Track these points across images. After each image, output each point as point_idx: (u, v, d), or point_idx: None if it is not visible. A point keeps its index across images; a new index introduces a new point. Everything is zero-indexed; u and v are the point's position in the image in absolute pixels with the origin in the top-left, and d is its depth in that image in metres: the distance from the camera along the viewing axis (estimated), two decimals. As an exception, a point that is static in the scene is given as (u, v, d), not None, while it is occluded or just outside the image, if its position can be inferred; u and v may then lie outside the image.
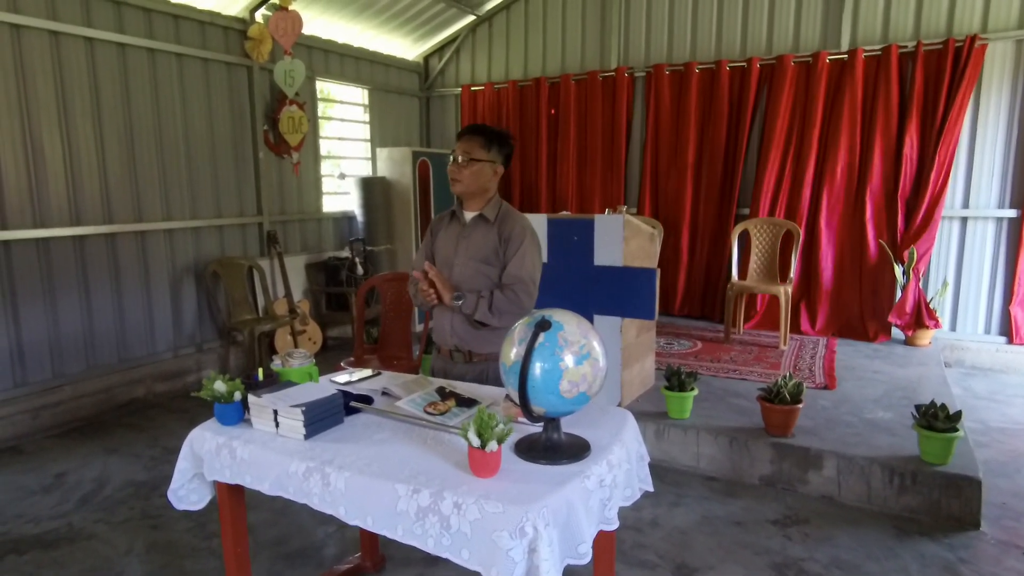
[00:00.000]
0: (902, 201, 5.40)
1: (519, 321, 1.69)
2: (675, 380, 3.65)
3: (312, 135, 6.12)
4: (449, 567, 2.04)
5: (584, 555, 1.52)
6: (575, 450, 1.70)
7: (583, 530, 1.53)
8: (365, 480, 1.61)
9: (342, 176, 6.60)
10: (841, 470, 3.20)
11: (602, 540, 1.96)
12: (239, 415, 1.96)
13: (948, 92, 5.14)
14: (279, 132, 5.68)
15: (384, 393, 2.19)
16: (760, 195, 5.87)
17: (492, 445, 1.53)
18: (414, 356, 3.97)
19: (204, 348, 5.28)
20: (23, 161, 4.09)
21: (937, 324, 5.30)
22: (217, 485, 2.01)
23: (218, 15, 5.20)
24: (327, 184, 6.48)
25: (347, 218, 6.65)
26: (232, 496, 2.04)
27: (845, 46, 5.52)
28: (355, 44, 6.61)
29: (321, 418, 1.87)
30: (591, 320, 2.30)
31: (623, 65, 6.46)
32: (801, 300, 5.81)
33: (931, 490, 3.01)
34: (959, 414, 3.08)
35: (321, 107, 6.44)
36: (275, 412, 1.86)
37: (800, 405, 3.39)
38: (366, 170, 6.93)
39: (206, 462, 1.92)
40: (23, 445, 3.99)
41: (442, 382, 2.23)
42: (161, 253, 4.93)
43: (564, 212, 6.08)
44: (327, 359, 5.14)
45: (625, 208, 4.81)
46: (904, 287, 5.32)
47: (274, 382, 2.10)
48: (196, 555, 2.80)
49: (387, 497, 1.56)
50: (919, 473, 3.03)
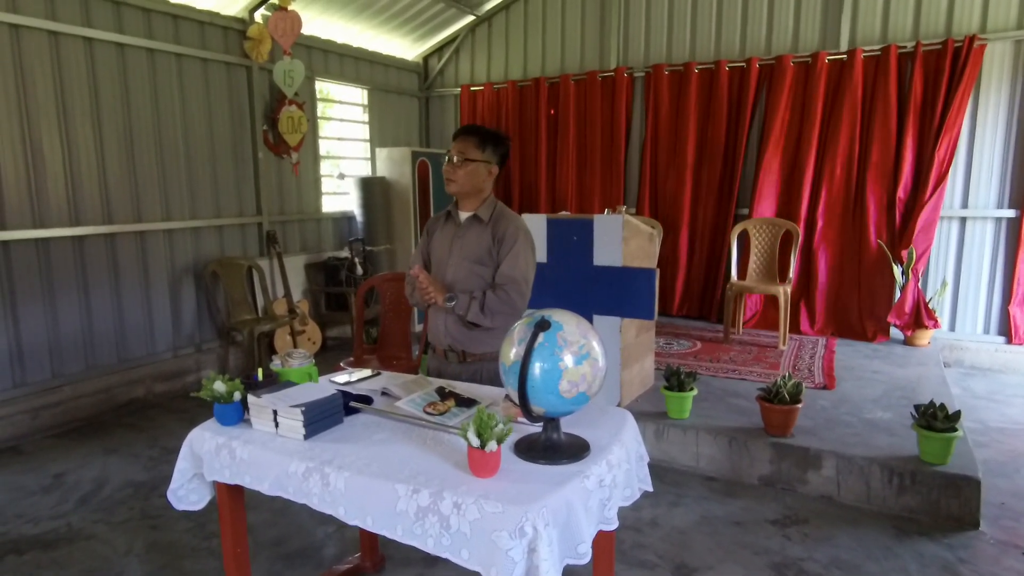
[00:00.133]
0: (901, 201, 5.40)
1: (519, 321, 1.70)
2: (674, 380, 3.65)
3: (311, 135, 6.12)
4: (449, 567, 2.04)
5: (584, 555, 1.52)
6: (574, 450, 1.70)
7: (582, 530, 1.53)
8: (365, 480, 1.61)
9: (341, 176, 6.59)
10: (840, 470, 3.20)
11: (601, 540, 1.96)
12: (239, 415, 1.96)
13: (947, 92, 5.15)
14: (278, 132, 5.68)
15: (384, 393, 2.19)
16: (759, 195, 5.87)
17: (492, 445, 1.53)
18: (413, 356, 3.97)
19: (203, 348, 5.28)
20: (22, 161, 4.09)
21: (936, 324, 5.30)
22: (217, 485, 2.01)
23: (217, 15, 5.20)
24: (326, 184, 6.48)
25: (346, 218, 6.65)
26: (232, 496, 2.04)
27: (844, 46, 5.53)
28: (354, 44, 6.61)
29: (321, 418, 1.87)
30: (590, 320, 2.30)
31: (622, 65, 6.46)
32: (800, 300, 5.82)
33: (930, 490, 3.01)
34: (958, 414, 3.09)
35: (320, 107, 6.44)
36: (275, 412, 1.87)
37: (799, 405, 3.40)
38: (365, 170, 6.93)
39: (206, 462, 1.92)
40: (22, 445, 3.99)
41: (441, 382, 2.23)
42: (160, 253, 4.93)
43: (563, 212, 6.07)
44: (326, 359, 5.14)
45: (624, 208, 4.80)
46: (903, 287, 5.33)
47: (274, 382, 2.10)
48: (196, 555, 2.80)
49: (387, 497, 1.56)
50: (918, 473, 3.04)
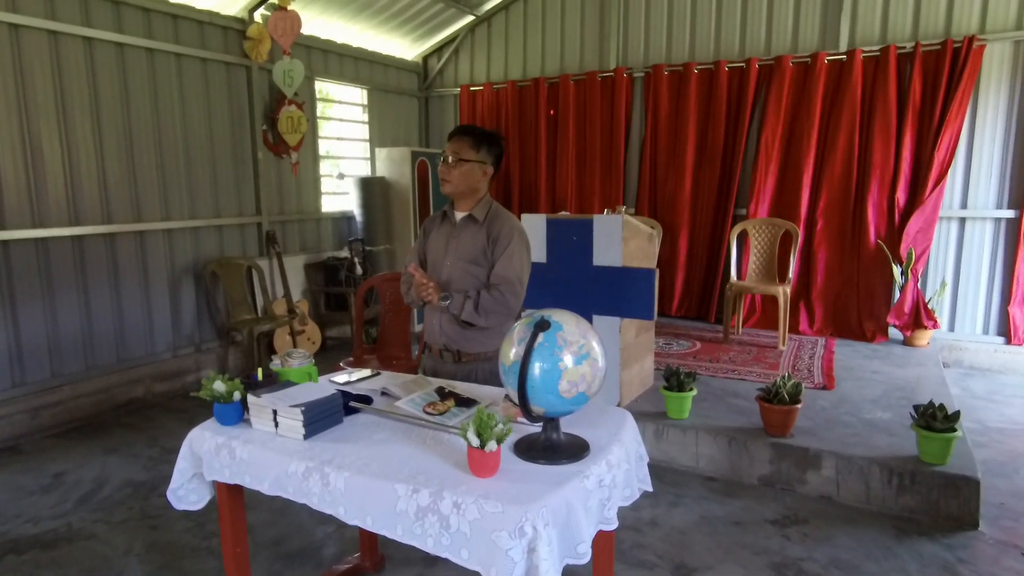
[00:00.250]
0: (900, 201, 5.40)
1: (519, 321, 1.70)
2: (674, 380, 3.65)
3: (311, 135, 6.12)
4: (448, 567, 2.04)
5: (583, 555, 1.52)
6: (574, 450, 1.70)
7: (582, 530, 1.53)
8: (364, 480, 1.61)
9: (341, 176, 6.59)
10: (840, 470, 3.20)
11: (601, 540, 1.96)
12: (238, 415, 1.96)
13: (946, 93, 5.15)
14: (278, 132, 5.68)
15: (383, 393, 2.19)
16: (758, 195, 5.87)
17: (491, 445, 1.53)
18: (413, 356, 3.97)
19: (203, 348, 5.27)
20: (22, 161, 4.08)
21: (935, 324, 5.30)
22: (216, 485, 2.01)
23: (217, 15, 5.19)
24: (326, 184, 6.48)
25: (346, 218, 6.65)
26: (231, 496, 2.04)
27: (844, 47, 5.53)
28: (354, 44, 6.61)
29: (320, 418, 1.87)
30: (590, 320, 2.30)
31: (622, 65, 6.46)
32: (799, 300, 5.82)
33: (930, 490, 3.01)
34: (957, 414, 3.09)
35: (320, 107, 6.43)
36: (274, 412, 1.87)
37: (799, 405, 3.40)
38: (365, 170, 6.93)
39: (205, 462, 1.92)
40: (22, 445, 3.99)
41: (441, 382, 2.24)
42: (160, 253, 4.93)
43: (563, 212, 6.08)
44: (326, 359, 5.14)
45: (624, 208, 4.80)
46: (903, 287, 5.33)
47: (273, 382, 2.10)
48: (195, 555, 2.80)
49: (386, 497, 1.56)
50: (918, 473, 3.04)
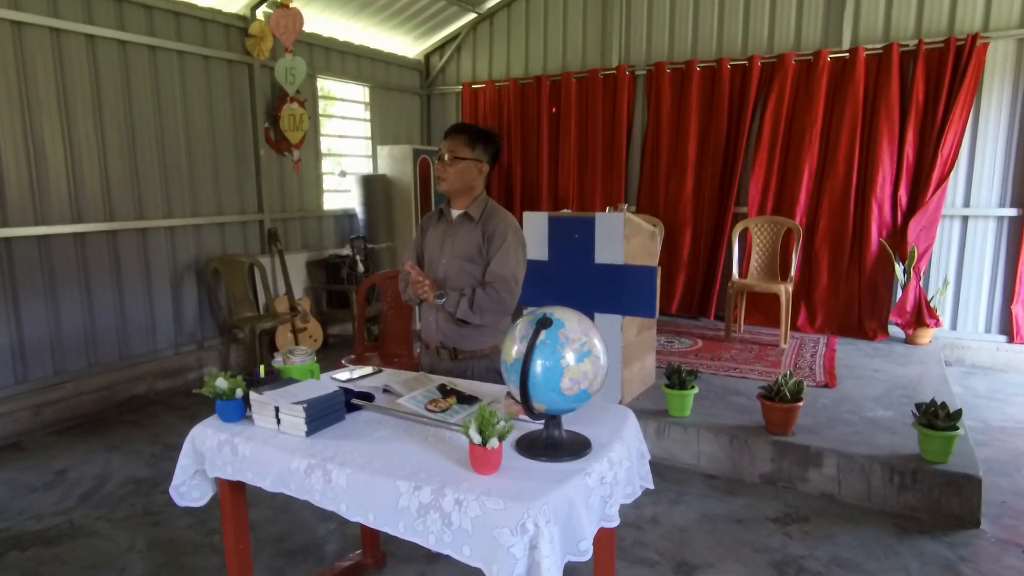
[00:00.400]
0: (903, 200, 5.39)
1: (521, 319, 1.70)
2: (676, 378, 3.65)
3: (313, 133, 6.12)
4: (450, 564, 2.04)
5: (585, 552, 1.52)
6: (576, 447, 1.70)
7: (584, 527, 1.54)
8: (366, 477, 1.61)
9: (343, 174, 6.60)
10: (841, 468, 3.20)
11: (603, 537, 1.96)
12: (241, 412, 1.96)
13: (949, 91, 5.13)
14: (280, 130, 5.68)
15: (385, 390, 2.19)
16: (761, 193, 5.86)
17: (493, 442, 1.53)
18: (415, 354, 3.96)
19: (205, 345, 5.28)
20: (24, 158, 4.09)
21: (938, 323, 5.30)
22: (219, 482, 2.01)
23: (219, 12, 5.19)
24: (328, 182, 6.48)
25: (348, 216, 6.65)
26: (233, 493, 2.05)
27: (846, 45, 5.52)
28: (356, 42, 6.61)
29: (322, 415, 1.87)
30: (592, 318, 2.30)
31: (624, 63, 6.45)
32: (801, 298, 5.82)
33: (931, 488, 3.01)
34: (959, 412, 3.09)
35: (322, 105, 6.43)
36: (276, 409, 1.87)
37: (800, 403, 3.40)
38: (367, 168, 6.93)
39: (208, 459, 1.92)
40: (24, 442, 4.00)
41: (443, 379, 2.24)
42: (162, 250, 4.94)
43: (565, 210, 6.06)
44: (328, 357, 5.14)
45: (626, 206, 4.81)
46: (905, 286, 5.32)
47: (275, 379, 2.10)
48: (197, 552, 2.81)
49: (388, 494, 1.57)
50: (919, 471, 3.04)
